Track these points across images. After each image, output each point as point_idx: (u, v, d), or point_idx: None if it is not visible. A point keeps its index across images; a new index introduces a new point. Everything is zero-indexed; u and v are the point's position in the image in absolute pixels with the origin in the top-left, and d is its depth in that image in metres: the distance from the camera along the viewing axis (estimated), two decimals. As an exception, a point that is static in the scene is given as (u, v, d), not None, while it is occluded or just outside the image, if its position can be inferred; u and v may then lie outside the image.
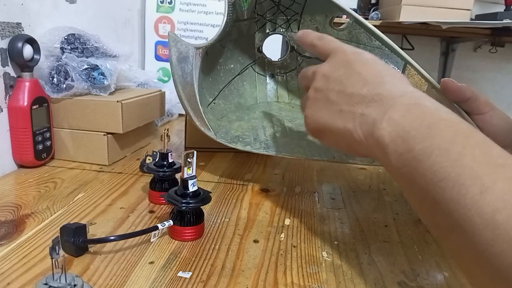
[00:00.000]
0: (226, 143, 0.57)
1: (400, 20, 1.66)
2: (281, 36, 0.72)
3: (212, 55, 0.65)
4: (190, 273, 0.36)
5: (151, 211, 0.48)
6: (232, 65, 0.71)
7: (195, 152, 0.41)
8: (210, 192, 0.44)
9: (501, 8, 1.74)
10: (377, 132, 0.31)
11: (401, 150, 0.29)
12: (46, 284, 0.29)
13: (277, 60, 0.74)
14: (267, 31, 0.71)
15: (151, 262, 0.37)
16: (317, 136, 0.40)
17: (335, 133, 0.37)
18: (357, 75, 0.36)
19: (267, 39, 0.72)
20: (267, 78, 0.74)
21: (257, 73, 0.74)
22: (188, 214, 0.42)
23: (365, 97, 0.34)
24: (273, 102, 0.74)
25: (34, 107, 0.58)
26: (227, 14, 0.58)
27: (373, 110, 0.33)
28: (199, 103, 0.56)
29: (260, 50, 0.72)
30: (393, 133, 0.30)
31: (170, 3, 1.11)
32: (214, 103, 0.66)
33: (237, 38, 0.68)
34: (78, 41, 0.64)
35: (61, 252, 0.29)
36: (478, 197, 0.23)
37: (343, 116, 0.35)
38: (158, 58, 1.14)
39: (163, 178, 0.50)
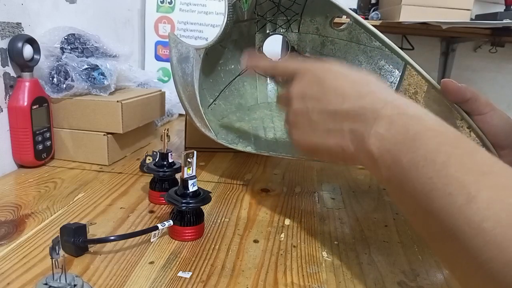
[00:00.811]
0: (227, 144, 0.57)
1: (400, 20, 1.66)
2: (281, 36, 0.72)
3: (212, 56, 0.65)
4: (190, 273, 0.36)
5: (151, 211, 0.48)
6: (232, 66, 0.70)
7: (195, 152, 0.41)
8: (210, 192, 0.44)
9: (501, 8, 1.74)
10: (366, 147, 0.32)
11: (389, 163, 0.29)
12: (46, 284, 0.29)
13: (277, 60, 0.73)
14: (267, 31, 0.71)
15: (151, 262, 0.37)
16: (310, 155, 0.40)
17: (327, 152, 0.37)
18: (333, 92, 0.35)
19: (267, 40, 0.72)
20: (268, 78, 0.74)
21: (258, 73, 0.74)
22: (188, 214, 0.42)
23: (348, 112, 0.34)
24: (274, 103, 0.74)
25: (34, 107, 0.58)
26: (227, 15, 0.58)
27: (359, 125, 0.33)
28: (199, 104, 0.56)
29: (260, 51, 0.72)
30: (381, 148, 0.30)
31: (170, 3, 1.11)
32: (214, 104, 0.66)
33: (237, 39, 0.68)
34: (78, 41, 0.64)
35: (61, 252, 0.29)
36: (466, 206, 0.23)
37: (333, 135, 0.35)
38: (158, 58, 1.14)
39: (163, 178, 0.50)
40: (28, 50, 0.57)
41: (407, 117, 0.30)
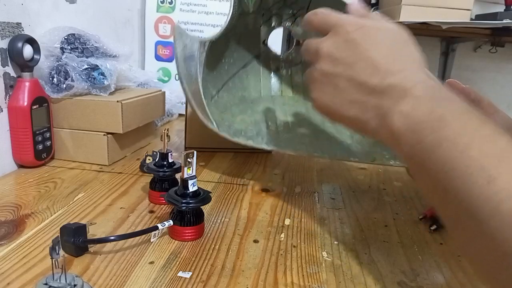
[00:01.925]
0: (229, 137, 0.56)
1: (400, 20, 1.65)
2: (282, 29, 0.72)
3: (217, 48, 0.65)
4: (190, 273, 0.36)
5: (151, 211, 0.48)
6: (237, 58, 0.70)
7: (195, 152, 0.41)
8: (210, 192, 0.44)
9: (501, 8, 1.74)
10: (389, 124, 0.32)
11: (412, 141, 0.30)
12: (46, 284, 0.29)
13: (282, 54, 0.73)
14: (272, 24, 0.70)
15: (151, 262, 0.37)
16: (326, 116, 0.39)
17: (346, 120, 0.36)
18: (366, 60, 0.34)
19: (272, 33, 0.71)
20: (272, 72, 0.74)
21: (262, 66, 0.73)
22: (188, 214, 0.42)
23: (376, 87, 0.33)
24: (277, 96, 0.73)
25: (34, 107, 0.58)
26: (233, 7, 0.58)
27: (385, 102, 0.33)
28: (202, 96, 0.55)
29: (265, 44, 0.72)
30: (404, 126, 0.30)
31: (170, 3, 1.11)
32: (217, 96, 0.66)
33: (242, 31, 0.68)
34: (78, 41, 0.64)
35: (61, 252, 0.29)
36: (486, 187, 0.24)
37: (355, 107, 0.35)
38: (158, 58, 1.14)
39: (163, 178, 0.50)
40: (28, 50, 0.57)
41: (434, 98, 0.31)
